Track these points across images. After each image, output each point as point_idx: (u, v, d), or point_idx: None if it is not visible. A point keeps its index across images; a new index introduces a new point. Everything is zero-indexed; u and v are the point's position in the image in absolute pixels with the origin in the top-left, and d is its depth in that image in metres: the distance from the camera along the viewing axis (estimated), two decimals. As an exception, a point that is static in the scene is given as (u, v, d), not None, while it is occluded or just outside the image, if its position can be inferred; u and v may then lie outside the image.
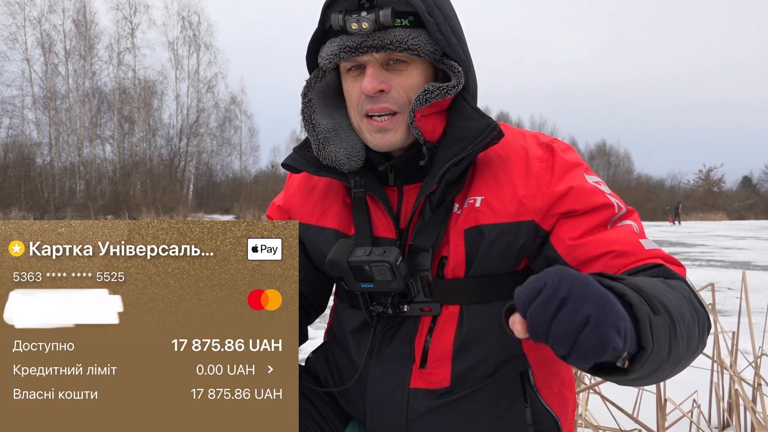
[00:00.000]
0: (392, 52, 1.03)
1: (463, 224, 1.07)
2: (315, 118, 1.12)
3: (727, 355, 2.27)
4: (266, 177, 39.26)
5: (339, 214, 1.17)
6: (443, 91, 1.04)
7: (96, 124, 33.85)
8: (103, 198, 29.91)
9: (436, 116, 1.07)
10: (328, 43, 1.07)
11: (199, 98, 37.09)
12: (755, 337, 2.15)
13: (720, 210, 43.16)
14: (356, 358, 1.15)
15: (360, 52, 1.03)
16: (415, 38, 1.03)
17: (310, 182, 1.24)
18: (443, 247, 1.08)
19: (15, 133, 31.64)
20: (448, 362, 1.08)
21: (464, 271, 1.07)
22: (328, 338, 1.29)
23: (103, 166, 33.77)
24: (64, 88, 32.78)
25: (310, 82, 1.12)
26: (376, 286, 1.04)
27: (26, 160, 29.42)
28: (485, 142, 1.03)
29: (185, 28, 36.12)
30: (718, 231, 24.02)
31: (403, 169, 1.11)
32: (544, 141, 1.12)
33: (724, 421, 2.32)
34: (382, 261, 1.00)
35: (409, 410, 1.09)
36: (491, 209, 1.06)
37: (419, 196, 1.07)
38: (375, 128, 1.06)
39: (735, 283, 6.45)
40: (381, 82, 1.03)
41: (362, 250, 1.03)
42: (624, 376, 0.76)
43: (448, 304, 1.08)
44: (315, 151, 1.12)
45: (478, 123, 1.05)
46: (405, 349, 1.10)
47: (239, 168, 41.58)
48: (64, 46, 32.65)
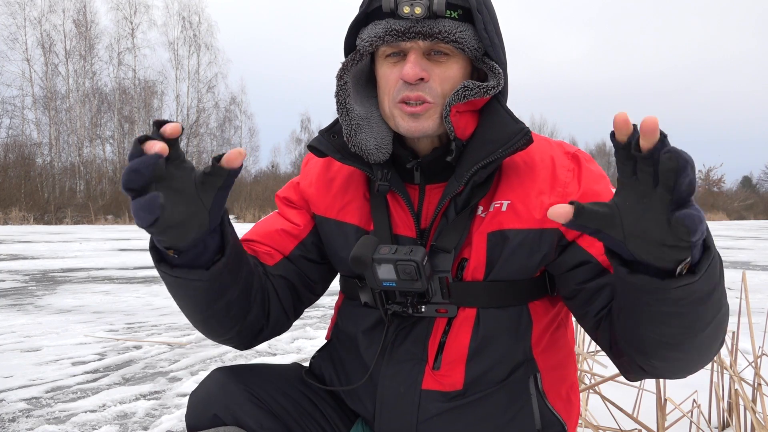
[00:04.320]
0: (438, 42, 1.01)
1: (488, 227, 1.06)
2: (349, 102, 1.09)
3: (727, 355, 2.27)
4: (266, 177, 39.21)
5: (360, 209, 1.15)
6: (483, 90, 1.03)
7: (96, 124, 33.83)
8: (103, 198, 29.87)
9: (469, 114, 1.06)
10: (371, 25, 1.05)
11: (199, 98, 37.08)
12: (755, 337, 2.15)
13: (720, 210, 43.12)
14: (366, 357, 1.14)
15: (406, 38, 1.01)
16: (462, 32, 1.02)
17: (328, 173, 1.21)
18: (464, 248, 1.07)
19: (15, 133, 31.64)
20: (462, 365, 1.07)
21: (483, 275, 1.06)
22: (332, 338, 1.26)
23: (103, 166, 33.71)
24: (64, 88, 32.79)
25: (346, 65, 1.09)
26: (399, 285, 1.03)
27: (26, 160, 29.39)
28: (516, 147, 1.02)
29: (185, 28, 36.11)
30: (718, 231, 23.99)
31: (429, 167, 1.10)
32: (570, 150, 1.12)
33: (724, 421, 2.32)
34: (409, 260, 0.99)
35: (420, 411, 1.08)
36: (517, 214, 1.05)
37: (444, 197, 1.06)
38: (408, 113, 1.04)
39: (735, 283, 6.43)
40: (422, 70, 1.02)
41: (387, 247, 1.02)
42: (691, 279, 0.79)
43: (465, 306, 1.07)
44: (346, 136, 1.08)
45: (511, 127, 1.04)
46: (418, 349, 1.09)
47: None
48: (64, 46, 32.64)
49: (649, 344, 0.91)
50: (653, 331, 0.88)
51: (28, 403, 2.83)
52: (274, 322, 1.15)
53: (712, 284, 0.83)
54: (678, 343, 0.89)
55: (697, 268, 0.79)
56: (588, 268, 1.04)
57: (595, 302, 1.03)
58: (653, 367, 0.96)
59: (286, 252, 1.18)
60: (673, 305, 0.83)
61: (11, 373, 3.32)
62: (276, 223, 1.22)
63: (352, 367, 1.17)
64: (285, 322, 1.19)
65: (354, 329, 1.17)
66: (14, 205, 25.54)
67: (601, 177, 1.10)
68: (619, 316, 0.95)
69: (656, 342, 0.90)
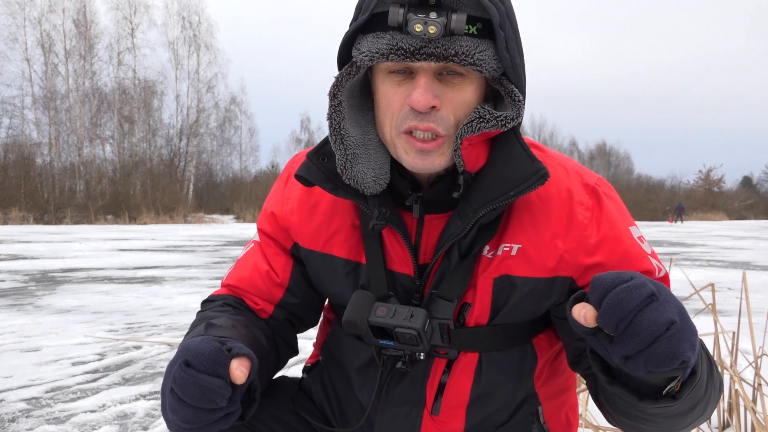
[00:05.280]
0: (454, 64, 0.86)
1: (494, 272, 0.96)
2: (344, 127, 0.94)
3: (728, 355, 2.27)
4: (266, 177, 39.27)
5: (347, 240, 1.03)
6: (500, 123, 0.89)
7: (96, 124, 33.84)
8: (103, 198, 29.87)
9: (481, 145, 0.93)
10: (372, 36, 0.87)
11: (199, 98, 37.13)
12: (755, 337, 2.15)
13: (720, 210, 43.11)
14: (360, 397, 1.06)
15: (416, 58, 0.85)
16: (482, 51, 0.86)
17: (310, 198, 1.07)
18: (468, 292, 0.98)
19: (15, 133, 31.67)
20: (462, 411, 1.01)
21: (488, 320, 0.98)
22: (322, 356, 1.18)
23: (103, 166, 33.77)
24: (64, 88, 32.81)
25: (341, 80, 0.92)
26: (398, 346, 0.95)
27: (26, 160, 29.38)
28: (530, 189, 0.90)
29: (185, 28, 36.16)
30: (718, 231, 23.98)
31: (430, 200, 0.98)
32: (589, 183, 1.00)
33: (724, 421, 2.32)
34: (410, 327, 0.90)
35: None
36: (527, 261, 0.95)
37: (446, 238, 0.94)
38: (417, 149, 0.90)
39: (735, 283, 6.44)
40: (434, 97, 0.87)
41: (385, 308, 0.92)
42: (670, 404, 0.77)
43: (467, 351, 1.00)
44: (340, 168, 0.94)
45: (527, 166, 0.91)
46: (415, 392, 1.02)
47: (239, 168, 41.59)
48: (64, 46, 32.66)
49: (628, 427, 0.92)
50: (630, 422, 0.89)
51: (27, 404, 2.82)
52: (284, 357, 1.14)
53: (693, 403, 0.81)
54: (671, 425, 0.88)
55: (678, 393, 0.78)
56: None
57: (584, 360, 1.00)
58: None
59: (275, 300, 1.11)
60: (650, 416, 0.83)
61: (11, 373, 3.32)
62: (259, 263, 1.11)
63: (346, 402, 1.11)
64: (291, 353, 1.16)
65: (346, 363, 1.09)
66: (14, 205, 25.54)
67: (621, 216, 0.99)
68: (598, 396, 0.95)
69: (633, 428, 0.91)
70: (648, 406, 0.79)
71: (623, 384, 0.81)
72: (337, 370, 1.13)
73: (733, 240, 17.35)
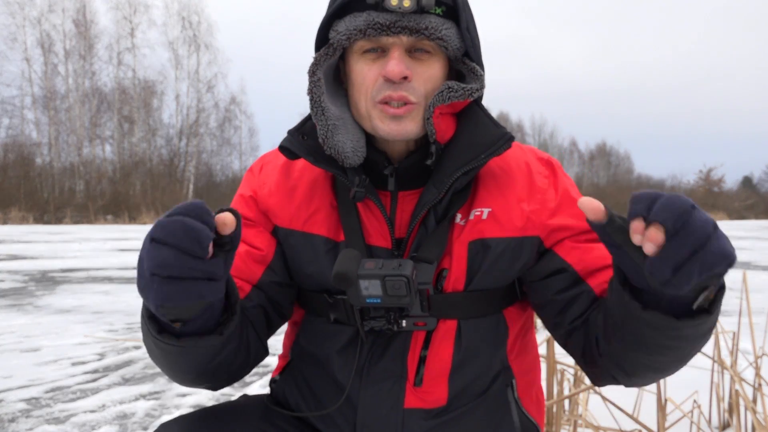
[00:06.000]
0: (423, 38, 0.96)
1: (468, 236, 1.02)
2: (324, 101, 1.00)
3: (728, 355, 2.27)
4: (266, 177, 39.19)
5: (327, 218, 1.06)
6: (467, 93, 0.98)
7: (96, 124, 33.83)
8: (103, 198, 29.87)
9: (449, 117, 1.02)
10: (349, 17, 0.97)
11: (199, 98, 37.05)
12: (755, 337, 2.15)
13: (720, 210, 43.10)
14: (341, 378, 1.06)
15: (391, 32, 0.95)
16: (447, 29, 0.97)
17: (288, 181, 1.11)
18: (444, 258, 1.02)
19: (15, 133, 31.62)
20: (444, 380, 1.04)
21: (464, 285, 1.02)
22: (293, 358, 1.15)
23: (103, 166, 33.72)
24: (63, 88, 32.78)
25: (318, 60, 1.00)
26: (385, 302, 0.96)
27: (26, 160, 29.39)
28: (499, 151, 0.99)
29: (185, 28, 36.09)
30: (718, 231, 23.95)
31: (404, 173, 1.04)
32: (542, 156, 1.11)
33: (724, 421, 2.32)
34: (400, 275, 0.92)
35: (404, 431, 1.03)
36: (498, 223, 1.02)
37: (422, 205, 1.00)
38: (390, 115, 0.97)
39: (735, 283, 6.42)
40: (407, 68, 0.95)
41: (373, 261, 0.95)
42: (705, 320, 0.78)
43: (445, 318, 1.03)
44: (321, 138, 1.00)
45: (493, 131, 1.01)
46: (397, 366, 1.03)
47: (239, 168, 41.56)
48: (64, 46, 32.63)
49: (638, 367, 0.92)
50: (647, 358, 0.89)
51: (27, 404, 2.82)
52: (254, 355, 1.06)
53: (714, 321, 0.82)
54: (666, 369, 0.91)
55: (713, 306, 0.79)
56: (564, 277, 1.03)
57: (568, 312, 1.02)
58: (629, 381, 0.97)
59: (254, 280, 1.07)
60: (677, 340, 0.83)
61: (11, 374, 3.32)
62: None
63: (323, 390, 1.08)
64: (262, 354, 1.09)
65: (325, 349, 1.08)
66: (14, 205, 25.54)
67: (572, 184, 1.09)
68: (609, 340, 0.93)
69: (645, 366, 0.91)
70: (686, 324, 0.79)
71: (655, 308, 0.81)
72: (311, 363, 1.11)
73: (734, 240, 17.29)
